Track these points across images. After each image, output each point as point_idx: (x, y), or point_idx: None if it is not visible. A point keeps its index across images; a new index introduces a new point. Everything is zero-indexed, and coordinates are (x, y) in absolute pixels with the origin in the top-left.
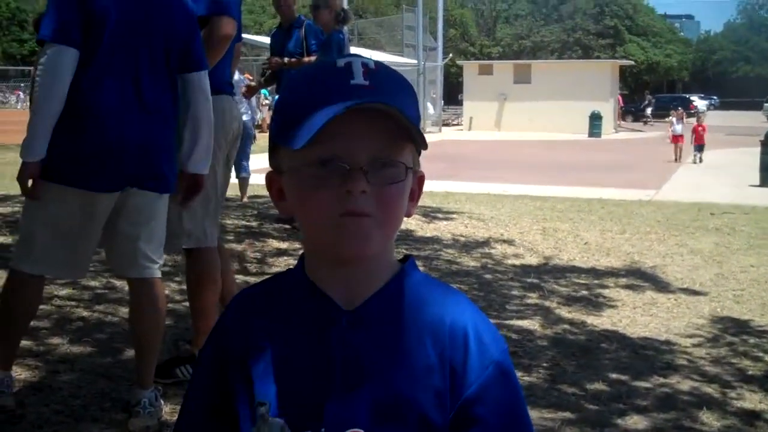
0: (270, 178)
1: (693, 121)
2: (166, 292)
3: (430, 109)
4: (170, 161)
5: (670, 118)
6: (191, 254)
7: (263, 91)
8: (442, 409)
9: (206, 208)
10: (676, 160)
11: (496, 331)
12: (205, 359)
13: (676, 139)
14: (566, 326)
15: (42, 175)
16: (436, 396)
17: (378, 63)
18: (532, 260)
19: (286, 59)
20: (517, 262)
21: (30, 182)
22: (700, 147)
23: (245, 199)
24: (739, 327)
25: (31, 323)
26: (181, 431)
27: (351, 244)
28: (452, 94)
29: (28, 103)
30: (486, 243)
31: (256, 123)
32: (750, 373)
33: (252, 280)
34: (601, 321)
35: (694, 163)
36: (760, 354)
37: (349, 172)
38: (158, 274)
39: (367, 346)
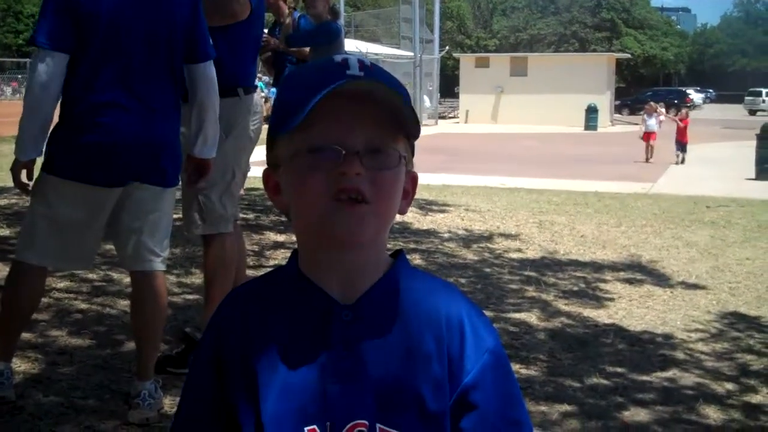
0: (266, 174)
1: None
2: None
3: (426, 101)
4: (173, 156)
5: (642, 113)
6: (208, 241)
7: (260, 84)
8: (441, 397)
9: (222, 195)
10: (647, 159)
11: (488, 321)
12: (201, 358)
13: (648, 136)
14: (564, 319)
15: (44, 167)
16: (435, 384)
17: (373, 63)
18: (529, 253)
19: (281, 45)
20: (514, 255)
21: (24, 177)
22: (682, 146)
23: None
24: (736, 319)
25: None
26: (178, 430)
27: (345, 227)
28: (449, 87)
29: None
30: (483, 236)
31: None
32: (748, 365)
33: (250, 272)
34: (598, 314)
35: (677, 164)
36: (758, 347)
37: (345, 155)
38: (161, 267)
39: (367, 339)
